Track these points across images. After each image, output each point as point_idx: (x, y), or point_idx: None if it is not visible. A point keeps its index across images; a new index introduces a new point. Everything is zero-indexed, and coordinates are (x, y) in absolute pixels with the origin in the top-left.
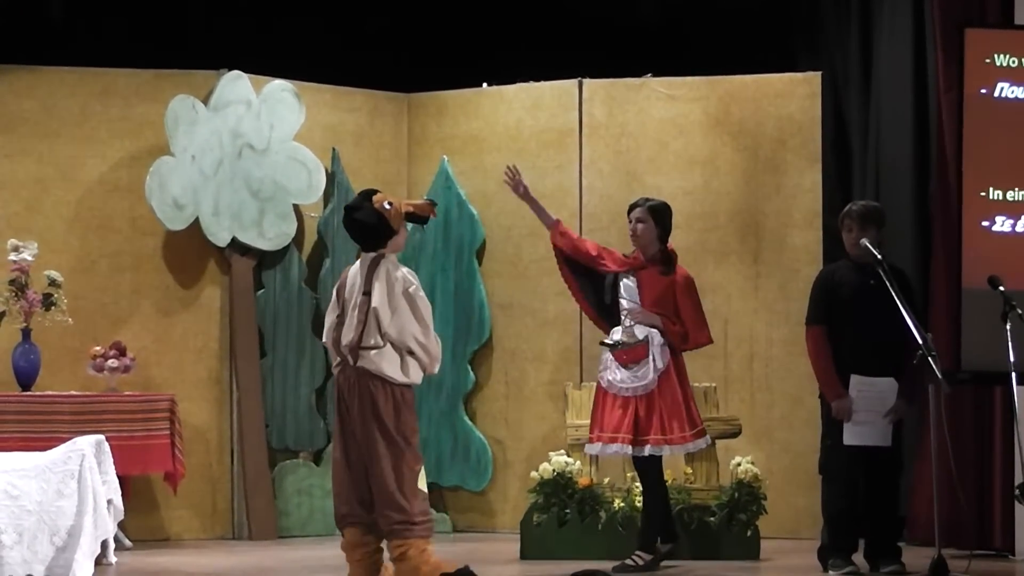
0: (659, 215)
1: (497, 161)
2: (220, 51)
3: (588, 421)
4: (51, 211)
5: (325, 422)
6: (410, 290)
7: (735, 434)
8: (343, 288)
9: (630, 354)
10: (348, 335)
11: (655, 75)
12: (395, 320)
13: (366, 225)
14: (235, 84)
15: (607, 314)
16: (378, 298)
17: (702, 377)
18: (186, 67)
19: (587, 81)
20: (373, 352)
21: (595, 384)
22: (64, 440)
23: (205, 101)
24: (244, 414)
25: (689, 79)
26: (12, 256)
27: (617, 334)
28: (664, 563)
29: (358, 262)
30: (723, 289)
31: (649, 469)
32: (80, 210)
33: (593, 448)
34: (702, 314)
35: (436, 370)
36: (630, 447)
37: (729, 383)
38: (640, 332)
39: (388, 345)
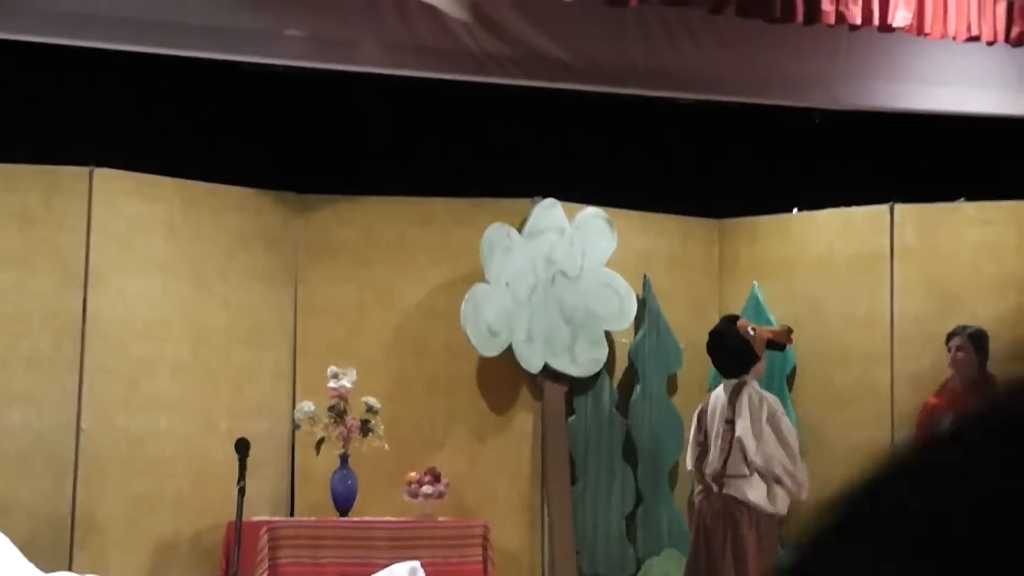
0: (979, 342)
1: (807, 286)
2: (533, 178)
3: None
4: (370, 336)
5: (634, 548)
6: (776, 417)
7: None
8: (704, 413)
9: None
10: (713, 463)
11: (968, 199)
12: (761, 448)
13: (733, 350)
14: (549, 212)
15: None
16: (743, 426)
17: None
18: (501, 195)
19: (899, 205)
20: (742, 480)
21: None
22: (381, 566)
23: (519, 228)
24: (555, 539)
25: (1004, 203)
26: (332, 383)
27: None
28: None
29: (720, 388)
30: None
31: None
32: (399, 335)
33: None
34: None
35: (805, 496)
36: None
37: None
38: None
39: (755, 474)
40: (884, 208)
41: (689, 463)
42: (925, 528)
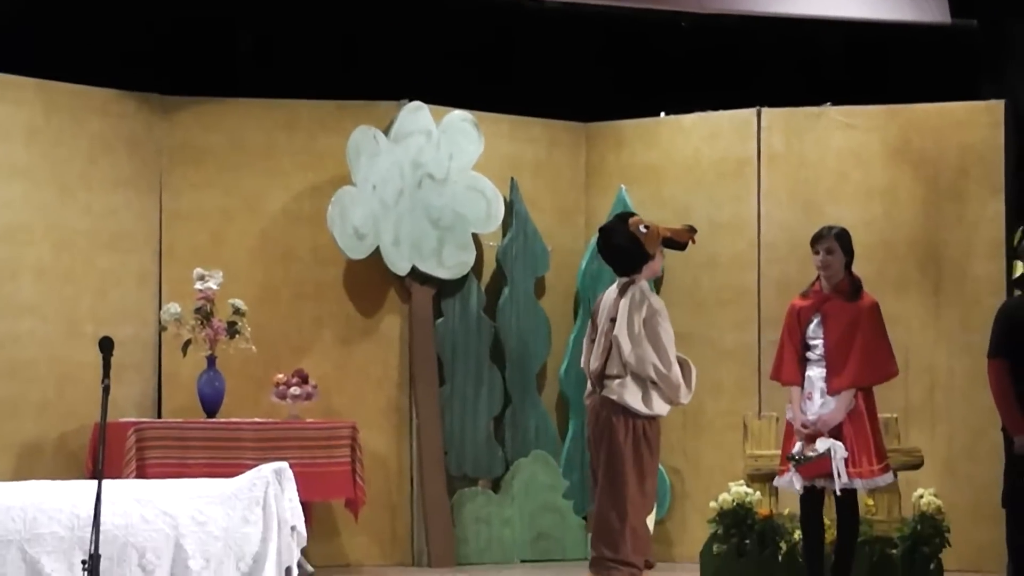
0: (845, 242)
1: (675, 191)
2: (400, 81)
3: (767, 451)
4: (236, 241)
5: (503, 450)
6: (654, 319)
7: (917, 466)
8: (596, 314)
9: (812, 468)
10: (594, 362)
11: (834, 104)
12: (636, 349)
13: (621, 248)
14: (415, 115)
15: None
16: (620, 326)
17: (883, 408)
18: (367, 98)
19: (765, 110)
20: (616, 381)
21: (773, 415)
22: (248, 467)
23: (386, 132)
24: (423, 442)
25: (869, 108)
26: (198, 285)
27: (799, 447)
28: None
29: (612, 286)
30: (903, 320)
31: (843, 503)
32: (264, 240)
33: (782, 480)
34: (888, 343)
35: (684, 400)
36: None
37: (910, 414)
38: (822, 445)
39: (629, 375)
40: (751, 113)
41: (582, 362)
42: None
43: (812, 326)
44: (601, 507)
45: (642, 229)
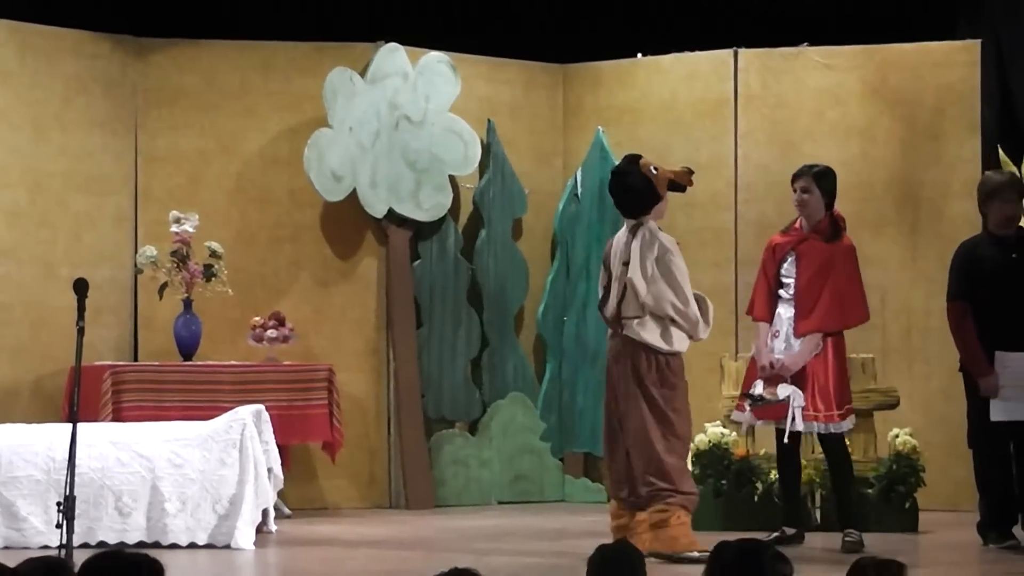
0: (825, 181)
1: (652, 132)
2: (377, 23)
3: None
4: (212, 184)
5: (480, 392)
6: (666, 257)
7: (893, 405)
8: (608, 258)
9: (768, 412)
10: (611, 305)
11: (811, 44)
12: (651, 289)
13: (634, 189)
14: (392, 56)
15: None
16: (633, 268)
17: (860, 348)
18: (344, 39)
19: (742, 51)
20: (635, 322)
21: (750, 355)
22: (225, 409)
23: (362, 73)
24: (401, 384)
25: (846, 48)
26: (174, 228)
27: (759, 388)
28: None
29: (622, 230)
30: (880, 260)
31: (824, 447)
32: (240, 182)
33: (740, 416)
34: (861, 288)
35: (703, 335)
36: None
37: (887, 354)
38: (783, 391)
39: (648, 315)
40: (728, 53)
41: (599, 306)
42: None
43: (786, 264)
44: (647, 441)
45: (652, 171)
